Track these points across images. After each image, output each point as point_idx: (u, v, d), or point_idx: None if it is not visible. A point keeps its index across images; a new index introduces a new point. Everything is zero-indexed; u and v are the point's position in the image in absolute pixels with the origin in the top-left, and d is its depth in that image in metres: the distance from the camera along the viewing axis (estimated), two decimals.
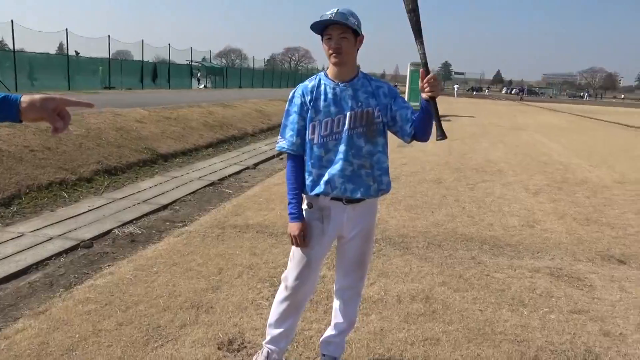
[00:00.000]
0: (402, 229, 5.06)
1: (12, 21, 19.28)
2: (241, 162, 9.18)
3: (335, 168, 2.23)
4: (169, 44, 31.60)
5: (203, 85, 36.38)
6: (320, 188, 2.24)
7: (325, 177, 2.23)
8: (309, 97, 2.25)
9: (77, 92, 20.67)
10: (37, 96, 1.30)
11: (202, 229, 4.89)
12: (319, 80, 2.29)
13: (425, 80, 2.11)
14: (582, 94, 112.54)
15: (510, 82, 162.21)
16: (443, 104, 29.60)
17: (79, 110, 10.04)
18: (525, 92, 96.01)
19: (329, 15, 2.13)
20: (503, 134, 15.29)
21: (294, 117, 2.28)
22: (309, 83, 2.30)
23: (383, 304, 3.35)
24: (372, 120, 2.25)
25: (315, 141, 2.24)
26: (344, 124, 2.22)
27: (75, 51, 24.77)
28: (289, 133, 2.28)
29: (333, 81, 2.26)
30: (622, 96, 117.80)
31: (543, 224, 5.47)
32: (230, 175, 7.88)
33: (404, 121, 2.28)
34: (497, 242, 4.79)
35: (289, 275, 2.39)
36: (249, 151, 10.66)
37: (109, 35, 25.63)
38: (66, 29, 22.63)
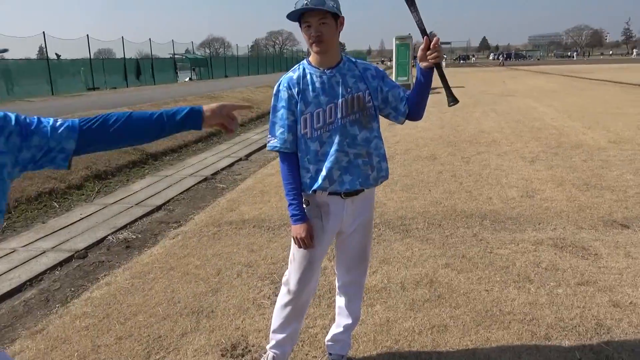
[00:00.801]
0: (401, 211, 4.98)
1: None
2: (233, 154, 9.06)
3: (330, 160, 2.10)
4: (150, 39, 31.12)
5: (188, 78, 35.93)
6: (317, 183, 2.12)
7: (323, 172, 2.11)
8: (296, 89, 2.10)
9: (60, 96, 20.39)
10: (214, 105, 1.56)
11: (197, 229, 4.80)
12: (303, 69, 2.14)
13: (432, 46, 2.03)
14: (569, 53, 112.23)
15: (497, 47, 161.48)
16: None
17: (61, 114, 9.86)
18: (513, 56, 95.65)
19: (305, 2, 1.96)
20: (494, 102, 15.17)
21: (282, 113, 2.13)
22: (294, 74, 2.14)
23: (387, 292, 3.27)
24: (365, 105, 2.14)
25: (309, 135, 2.11)
26: (337, 112, 2.09)
27: (55, 54, 24.39)
28: (279, 130, 2.14)
29: (318, 69, 2.12)
30: (610, 52, 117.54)
31: (542, 193, 5.40)
32: (222, 169, 7.76)
33: (398, 101, 2.19)
34: (498, 216, 4.71)
35: (291, 278, 2.29)
36: (239, 142, 10.52)
37: (87, 35, 25.20)
38: (43, 32, 22.19)
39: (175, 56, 35.85)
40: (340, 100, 2.09)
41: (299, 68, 2.16)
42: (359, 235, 2.29)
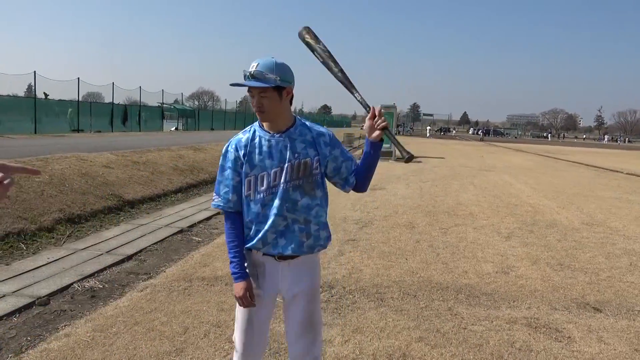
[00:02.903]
0: (377, 278, 4.93)
1: None
2: (210, 208, 8.97)
3: (268, 223, 2.11)
4: (140, 87, 31.53)
5: (174, 128, 36.17)
6: (252, 242, 2.15)
7: (260, 234, 2.13)
8: (243, 152, 2.14)
9: (43, 135, 20.25)
10: None
11: (167, 282, 4.66)
12: (254, 132, 2.18)
13: (377, 113, 2.10)
14: (545, 134, 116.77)
15: (477, 122, 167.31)
16: (414, 145, 29.98)
17: (42, 155, 9.74)
18: (491, 132, 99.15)
19: (246, 76, 2.05)
20: (472, 175, 15.52)
21: (228, 173, 2.16)
22: (243, 136, 2.19)
23: None
24: (310, 172, 2.15)
25: (252, 197, 2.14)
26: (281, 177, 2.11)
27: (44, 93, 24.44)
28: (223, 190, 2.17)
29: (268, 132, 2.15)
30: (584, 136, 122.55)
31: (517, 270, 5.43)
32: (199, 222, 7.66)
33: (349, 173, 2.23)
34: (473, 290, 4.70)
35: (236, 337, 2.28)
36: None
37: (78, 78, 25.44)
38: (34, 72, 22.35)
39: (164, 105, 36.24)
40: (286, 164, 2.11)
41: (249, 130, 2.21)
42: (302, 302, 2.23)
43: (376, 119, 2.10)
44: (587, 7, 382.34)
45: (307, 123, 2.22)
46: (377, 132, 2.11)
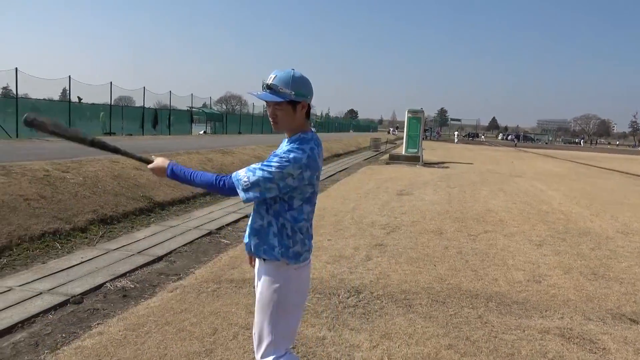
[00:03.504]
0: (404, 284, 4.89)
1: (16, 69, 19.62)
2: (239, 210, 9.06)
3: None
4: (170, 91, 32.09)
5: (203, 131, 36.67)
6: None
7: None
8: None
9: None
10: None
11: (197, 284, 4.72)
12: None
13: None
14: (577, 140, 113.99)
15: (506, 128, 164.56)
16: (440, 151, 29.79)
17: (76, 158, 10.01)
18: (521, 138, 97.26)
19: (263, 87, 2.14)
20: (502, 181, 15.26)
21: None
22: None
23: None
24: None
25: None
26: None
27: (77, 97, 25.09)
28: None
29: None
30: (617, 143, 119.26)
31: (549, 279, 5.31)
32: (228, 225, 7.74)
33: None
34: (504, 299, 4.61)
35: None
36: None
37: (111, 82, 26.04)
38: (69, 76, 23.00)
39: (193, 109, 36.79)
40: None
41: None
42: (256, 305, 2.31)
43: None
44: (619, 7, 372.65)
45: (298, 142, 2.18)
46: None
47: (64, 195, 7.32)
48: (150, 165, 2.34)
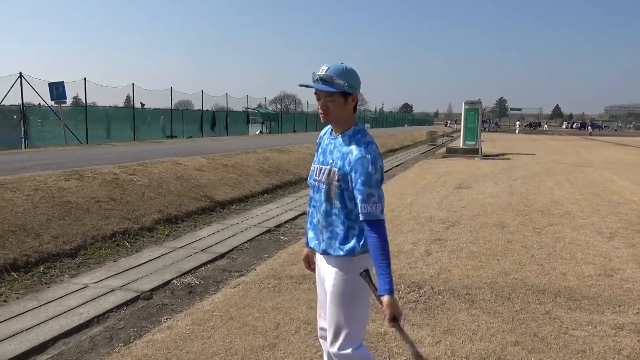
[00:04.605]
0: (466, 279, 4.78)
1: (84, 79, 20.81)
2: (297, 207, 9.18)
3: (310, 213, 2.37)
4: (227, 93, 32.93)
5: (259, 131, 37.39)
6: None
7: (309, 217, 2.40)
8: (318, 142, 2.39)
9: (141, 142, 21.74)
10: None
11: (258, 280, 4.83)
12: (329, 128, 2.34)
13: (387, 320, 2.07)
14: None
15: (571, 116, 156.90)
16: (500, 142, 28.80)
17: (141, 160, 10.48)
18: (588, 125, 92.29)
19: (317, 76, 2.13)
20: (568, 172, 14.57)
21: (314, 159, 2.42)
22: (326, 129, 2.39)
23: None
24: (332, 181, 2.19)
25: (309, 182, 2.39)
26: (319, 175, 2.27)
27: (140, 103, 26.28)
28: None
29: (332, 132, 2.30)
30: None
31: (622, 272, 5.02)
32: (286, 222, 7.86)
33: (357, 204, 2.13)
34: (573, 294, 4.41)
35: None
36: (304, 196, 10.66)
37: (171, 88, 27.06)
38: (132, 83, 24.12)
39: (249, 110, 37.58)
40: (324, 166, 2.25)
41: (329, 126, 2.37)
42: (329, 298, 2.26)
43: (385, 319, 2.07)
44: None
45: (359, 134, 2.19)
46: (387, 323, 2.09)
47: (132, 196, 7.69)
48: (389, 314, 2.07)
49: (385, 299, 1.99)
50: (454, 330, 3.62)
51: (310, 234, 2.36)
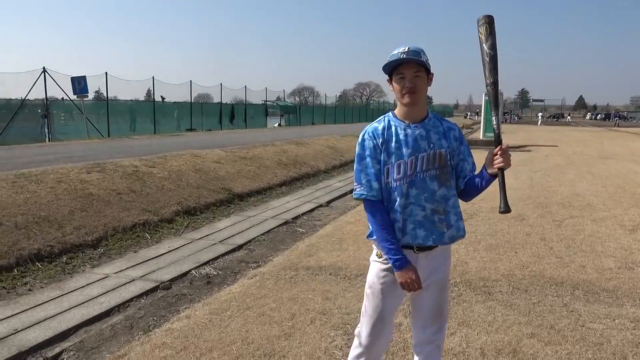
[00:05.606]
0: (483, 272, 4.76)
1: (106, 73, 21.09)
2: (314, 199, 9.22)
3: (405, 213, 2.12)
4: (245, 86, 33.09)
5: (277, 124, 37.52)
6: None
7: (399, 223, 2.13)
8: (380, 140, 2.16)
9: (162, 135, 22.01)
10: None
11: (275, 271, 4.88)
12: (388, 121, 2.20)
13: (497, 151, 2.10)
14: None
15: (595, 107, 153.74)
16: (522, 133, 28.24)
17: (161, 153, 10.62)
18: (612, 117, 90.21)
19: (401, 55, 2.07)
20: (590, 164, 14.31)
21: (368, 161, 2.16)
22: (379, 125, 2.20)
23: (465, 357, 3.11)
24: (445, 163, 2.16)
25: (391, 185, 2.13)
26: (417, 166, 2.12)
27: (161, 96, 26.59)
28: (365, 178, 2.16)
29: (403, 122, 2.18)
30: None
31: None
32: (303, 214, 7.91)
33: (460, 175, 2.22)
34: (592, 287, 4.36)
35: (362, 331, 2.27)
36: (322, 188, 10.70)
37: (190, 81, 27.29)
38: (152, 77, 24.41)
39: (267, 103, 37.70)
40: (422, 154, 2.13)
41: (384, 119, 2.23)
42: (434, 292, 2.22)
43: (497, 156, 2.10)
44: None
45: (438, 115, 2.29)
46: (493, 170, 2.12)
47: (152, 188, 7.81)
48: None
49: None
50: (469, 322, 3.61)
51: (421, 232, 2.12)
